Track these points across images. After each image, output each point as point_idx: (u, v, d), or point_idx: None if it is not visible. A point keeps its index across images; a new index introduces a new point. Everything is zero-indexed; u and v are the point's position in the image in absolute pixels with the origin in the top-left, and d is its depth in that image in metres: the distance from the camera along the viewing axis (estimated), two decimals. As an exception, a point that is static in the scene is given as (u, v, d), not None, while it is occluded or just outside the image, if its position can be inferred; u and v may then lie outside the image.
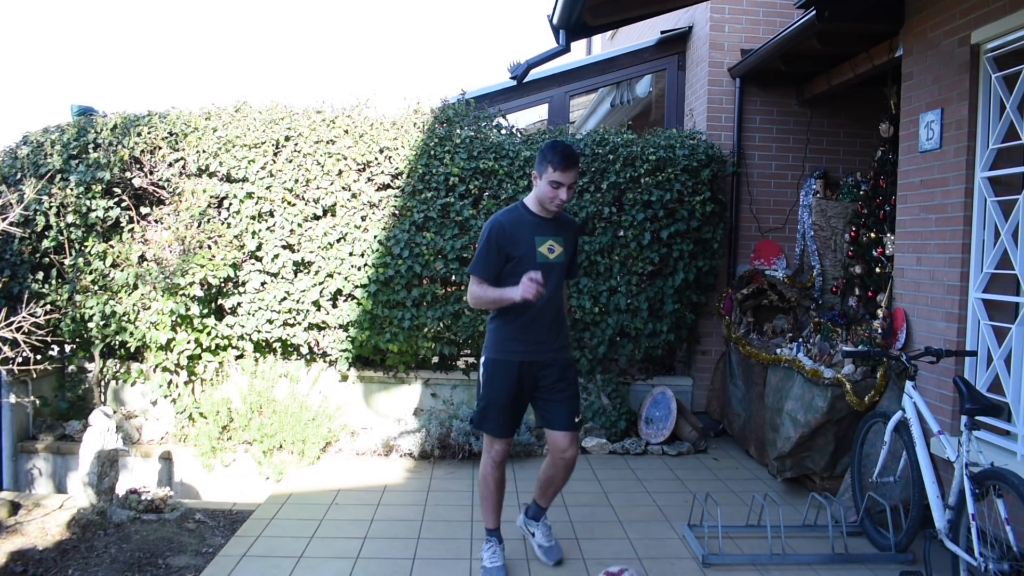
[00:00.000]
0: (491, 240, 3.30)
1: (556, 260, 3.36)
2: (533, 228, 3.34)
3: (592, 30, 5.32)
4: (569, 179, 3.24)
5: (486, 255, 3.32)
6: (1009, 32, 3.52)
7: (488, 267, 3.33)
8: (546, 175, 3.24)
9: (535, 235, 3.32)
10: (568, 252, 3.43)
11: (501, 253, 3.30)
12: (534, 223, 3.35)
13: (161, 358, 5.51)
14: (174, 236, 5.44)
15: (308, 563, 3.64)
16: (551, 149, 3.23)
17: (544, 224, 3.37)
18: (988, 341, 3.72)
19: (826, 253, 5.77)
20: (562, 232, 3.41)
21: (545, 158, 3.24)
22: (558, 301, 3.41)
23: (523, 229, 3.33)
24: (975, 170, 3.79)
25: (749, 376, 5.48)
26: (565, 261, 3.42)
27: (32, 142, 5.73)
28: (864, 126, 6.04)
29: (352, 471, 5.11)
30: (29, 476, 5.59)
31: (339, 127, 5.70)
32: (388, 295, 5.64)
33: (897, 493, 3.83)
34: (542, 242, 3.33)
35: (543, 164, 3.25)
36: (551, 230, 3.38)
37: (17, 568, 3.72)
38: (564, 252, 3.39)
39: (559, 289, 3.41)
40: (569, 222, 3.52)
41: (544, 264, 3.31)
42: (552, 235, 3.36)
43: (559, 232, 3.40)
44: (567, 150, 3.23)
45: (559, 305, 3.42)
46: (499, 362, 3.38)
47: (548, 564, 3.58)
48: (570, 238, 3.46)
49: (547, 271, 3.29)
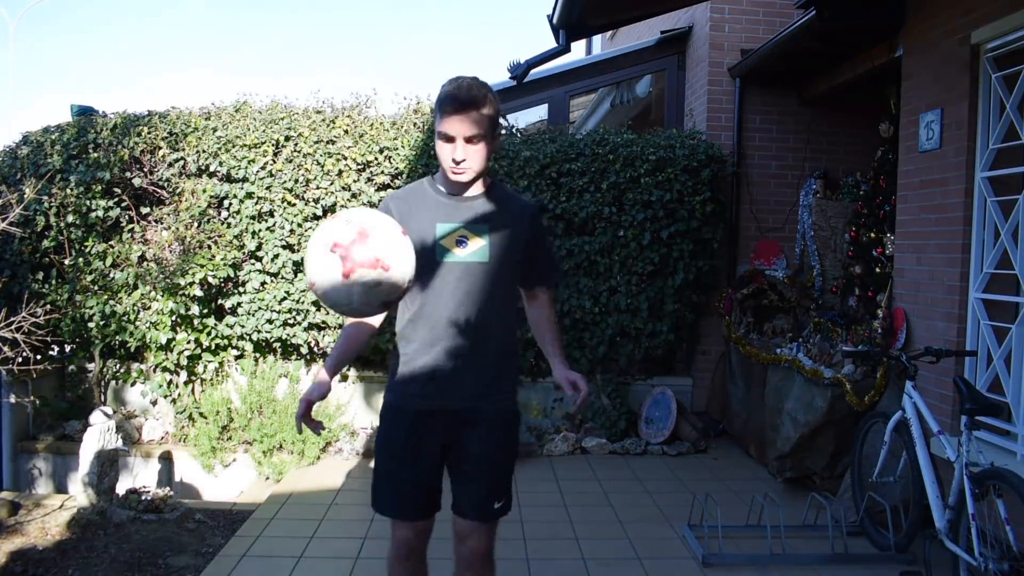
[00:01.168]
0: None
1: (472, 259, 2.21)
2: (436, 210, 2.24)
3: (592, 30, 5.33)
4: (466, 128, 2.11)
5: None
6: (1009, 32, 3.52)
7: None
8: (437, 127, 2.16)
9: (437, 220, 2.22)
10: (504, 247, 2.25)
11: None
12: (438, 204, 2.25)
13: (161, 358, 5.51)
14: (174, 236, 5.44)
15: (308, 563, 3.64)
16: (441, 90, 2.17)
17: (457, 205, 2.24)
18: (988, 341, 3.72)
19: (826, 253, 5.77)
20: (492, 218, 2.25)
21: (436, 102, 2.18)
22: (486, 321, 2.24)
23: (420, 212, 2.24)
24: (975, 170, 3.79)
25: (749, 376, 5.48)
26: (492, 261, 2.23)
27: (32, 142, 5.73)
28: (864, 126, 6.04)
29: (352, 471, 5.10)
30: (29, 476, 5.59)
31: (339, 127, 5.70)
32: (388, 295, 5.63)
33: (897, 493, 3.83)
34: (447, 230, 2.22)
35: (436, 111, 2.18)
36: (469, 215, 2.24)
37: (17, 568, 3.72)
38: (492, 247, 2.22)
39: (491, 304, 2.24)
40: (515, 205, 2.33)
41: (450, 264, 2.21)
42: (469, 222, 2.23)
43: (487, 219, 2.24)
44: (461, 85, 2.14)
45: (489, 327, 2.25)
46: (389, 404, 2.32)
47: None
48: (512, 227, 2.27)
49: (453, 274, 2.21)
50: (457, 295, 2.21)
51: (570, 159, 5.75)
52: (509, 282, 2.31)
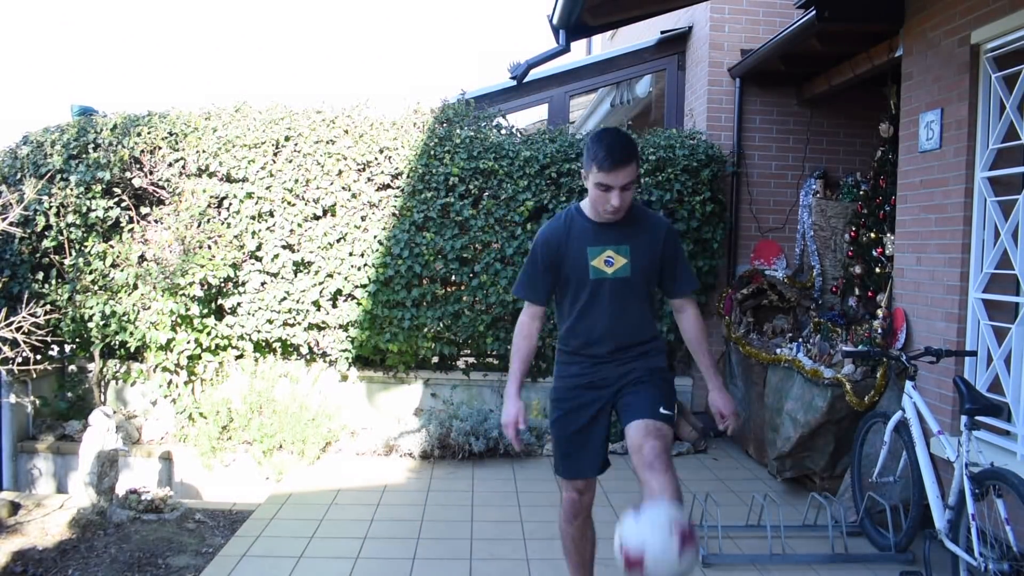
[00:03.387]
0: (538, 258, 2.74)
1: (617, 275, 2.66)
2: (585, 236, 2.68)
3: (592, 30, 5.33)
4: (621, 180, 2.50)
5: (528, 273, 2.77)
6: (1009, 32, 3.52)
7: (531, 287, 2.78)
8: (592, 175, 2.55)
9: (587, 245, 2.67)
10: (644, 261, 2.68)
11: (549, 271, 2.72)
12: (586, 230, 2.68)
13: (161, 358, 5.51)
14: (174, 236, 5.44)
15: (308, 563, 3.64)
16: (595, 142, 2.53)
17: (601, 230, 2.67)
18: (988, 341, 3.72)
19: (826, 253, 5.77)
20: (633, 237, 2.67)
21: (589, 153, 2.55)
22: (632, 320, 2.73)
23: (573, 240, 2.69)
24: (975, 170, 3.79)
25: (749, 376, 5.48)
26: (636, 275, 2.68)
27: (32, 142, 5.73)
28: (864, 126, 6.04)
29: (352, 471, 5.11)
30: (29, 476, 5.60)
31: (339, 127, 5.70)
32: (388, 295, 5.64)
33: (897, 493, 3.83)
34: (597, 253, 2.66)
35: (588, 162, 2.56)
36: (612, 237, 2.67)
37: (17, 568, 3.72)
38: (633, 263, 2.66)
39: (631, 312, 2.72)
40: (650, 222, 2.75)
41: (599, 281, 2.66)
42: (613, 243, 2.66)
43: (627, 238, 2.67)
44: (615, 142, 2.51)
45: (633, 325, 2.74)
46: (558, 389, 2.84)
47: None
48: (647, 243, 2.70)
49: (604, 290, 2.67)
50: (610, 303, 2.69)
51: (570, 159, 5.75)
52: (648, 290, 2.79)
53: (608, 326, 2.70)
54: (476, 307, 5.73)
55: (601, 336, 2.72)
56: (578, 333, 2.75)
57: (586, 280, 2.68)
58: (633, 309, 2.73)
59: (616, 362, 2.74)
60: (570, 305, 2.75)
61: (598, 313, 2.70)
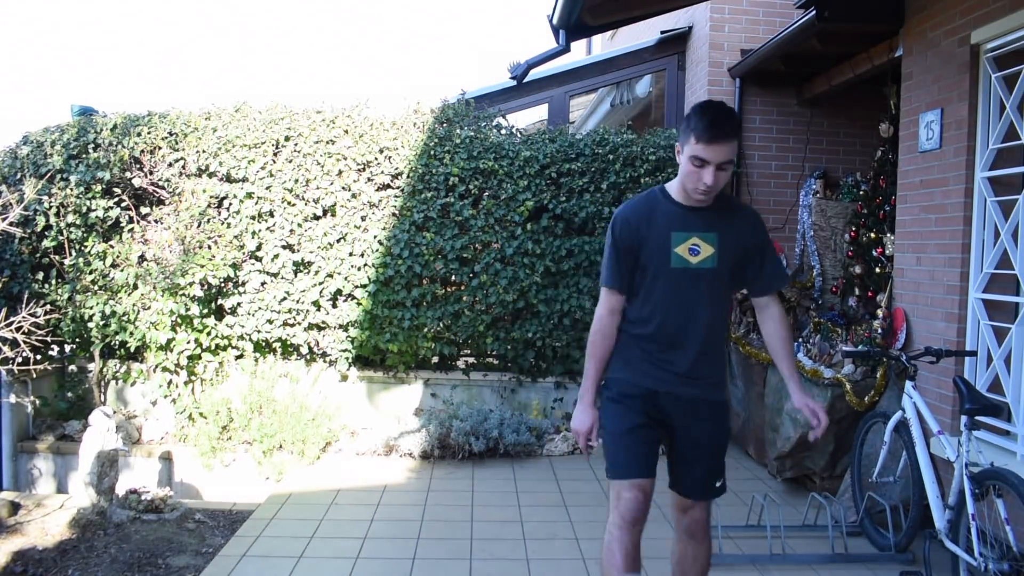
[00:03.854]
0: (615, 240, 2.47)
1: (702, 265, 2.42)
2: (670, 220, 2.42)
3: (592, 30, 5.32)
4: (720, 156, 2.28)
5: (612, 259, 2.49)
6: (1009, 32, 3.52)
7: (615, 274, 2.49)
8: (688, 148, 2.31)
9: (671, 230, 2.41)
10: (730, 254, 2.44)
11: (630, 255, 2.45)
12: (672, 213, 2.43)
13: (161, 358, 5.51)
14: (174, 236, 5.44)
15: (308, 563, 3.64)
16: (697, 113, 2.31)
17: (688, 215, 2.42)
18: (988, 341, 3.72)
19: (826, 253, 5.77)
20: (720, 225, 2.43)
21: (689, 123, 2.31)
22: (711, 322, 2.47)
23: (656, 222, 2.43)
24: (975, 170, 3.79)
25: (749, 376, 5.48)
26: (723, 267, 2.44)
27: (32, 142, 5.73)
28: (864, 126, 6.04)
29: (352, 471, 5.10)
30: (29, 476, 5.60)
31: (339, 127, 5.70)
32: (388, 295, 5.64)
33: (897, 493, 3.83)
34: (681, 239, 2.41)
35: (686, 131, 2.32)
36: (699, 223, 2.42)
37: (17, 568, 3.72)
38: (720, 254, 2.42)
39: (716, 307, 2.49)
40: (739, 211, 2.52)
41: (682, 270, 2.41)
42: (700, 230, 2.41)
43: (714, 225, 2.43)
44: (720, 114, 2.30)
45: (712, 327, 2.48)
46: (617, 381, 2.55)
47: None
48: (735, 234, 2.45)
49: (687, 280, 2.42)
50: (689, 297, 2.44)
51: (570, 159, 5.75)
52: (731, 285, 2.56)
53: (686, 321, 2.44)
54: (476, 307, 5.73)
55: (676, 332, 2.45)
56: (649, 325, 2.47)
57: (665, 268, 2.41)
58: (714, 307, 2.47)
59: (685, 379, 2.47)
60: (645, 295, 2.47)
61: (676, 306, 2.44)
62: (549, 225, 5.71)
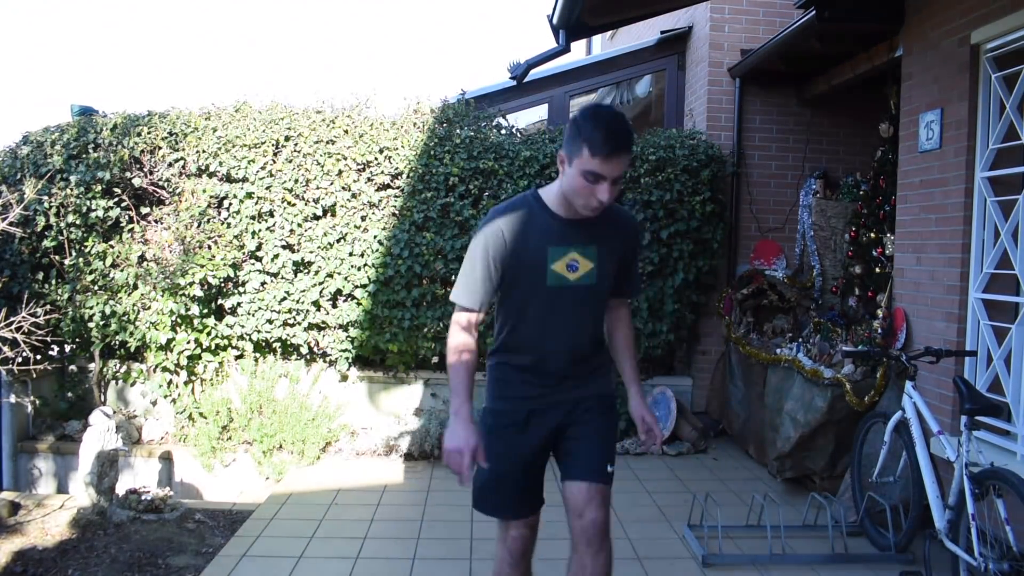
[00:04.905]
0: (485, 253, 2.20)
1: (581, 282, 2.23)
2: (546, 234, 2.20)
3: (592, 30, 5.34)
4: (617, 170, 2.06)
5: (471, 274, 2.22)
6: (1009, 32, 3.52)
7: (472, 291, 2.23)
8: (578, 160, 2.06)
9: (548, 244, 2.20)
10: (609, 265, 2.27)
11: (495, 270, 2.21)
12: (548, 227, 2.21)
13: (161, 358, 5.51)
14: (174, 236, 5.44)
15: (308, 563, 3.64)
16: (590, 120, 2.06)
17: (566, 228, 2.21)
18: (988, 341, 3.72)
19: (826, 253, 5.77)
20: (600, 237, 2.24)
21: (580, 132, 2.05)
22: (591, 332, 2.35)
23: (531, 235, 2.20)
24: (975, 170, 3.79)
25: (749, 376, 5.48)
26: (602, 283, 2.27)
27: (32, 142, 5.73)
28: (864, 126, 6.04)
29: (352, 471, 5.11)
30: (29, 476, 5.60)
31: (339, 127, 5.70)
32: (388, 295, 5.64)
33: (897, 493, 3.83)
34: (559, 255, 2.20)
35: (575, 141, 2.07)
36: (579, 236, 2.22)
37: (17, 568, 3.72)
38: (599, 268, 2.24)
39: (594, 319, 2.36)
40: (620, 220, 2.32)
41: (558, 289, 2.22)
42: (579, 244, 2.21)
43: (594, 238, 2.23)
44: (616, 125, 2.05)
45: (592, 336, 2.35)
46: (498, 412, 2.35)
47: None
48: (617, 245, 2.30)
49: (565, 298, 2.23)
50: (562, 316, 2.25)
51: (570, 159, 5.75)
52: (607, 298, 2.37)
53: (561, 341, 2.26)
54: (476, 307, 5.72)
55: (552, 353, 2.27)
56: (522, 348, 2.29)
57: (540, 286, 2.21)
58: (592, 320, 2.33)
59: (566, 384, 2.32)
60: (516, 314, 2.27)
61: (551, 326, 2.25)
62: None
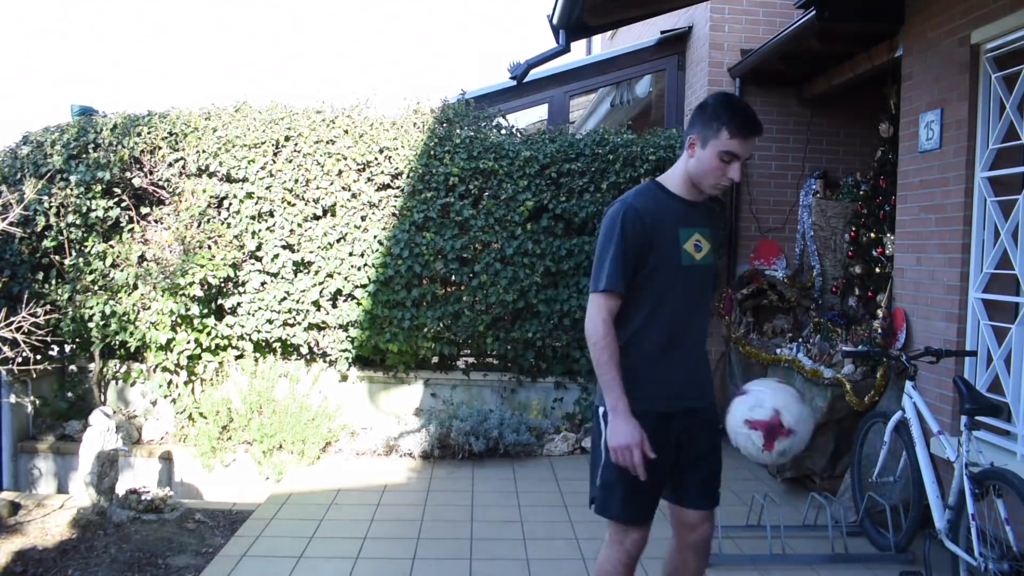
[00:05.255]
0: (624, 234, 2.20)
1: (703, 262, 2.31)
2: (675, 215, 2.28)
3: (592, 30, 5.33)
4: (749, 151, 2.24)
5: (617, 258, 2.20)
6: (1009, 32, 3.52)
7: (621, 275, 2.21)
8: (715, 142, 2.20)
9: (679, 226, 2.27)
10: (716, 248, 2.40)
11: (639, 253, 2.23)
12: (676, 209, 2.29)
13: (161, 358, 5.51)
14: (174, 236, 5.44)
15: (308, 563, 3.64)
16: (727, 106, 2.23)
17: (689, 210, 2.31)
18: (988, 341, 3.72)
19: (826, 253, 5.77)
20: (708, 219, 2.37)
21: (717, 116, 2.20)
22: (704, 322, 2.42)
23: (664, 218, 2.26)
24: (975, 170, 3.79)
25: (749, 376, 5.47)
26: (715, 263, 2.39)
27: (32, 142, 5.73)
28: (864, 126, 6.04)
29: (352, 471, 5.11)
30: (29, 476, 5.60)
31: (339, 127, 5.70)
32: (388, 295, 5.64)
33: (897, 493, 3.83)
34: (688, 236, 2.27)
35: (712, 124, 2.20)
36: (699, 218, 2.32)
37: (17, 568, 3.72)
38: (714, 249, 2.37)
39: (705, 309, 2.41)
40: (712, 207, 2.47)
41: (688, 268, 2.27)
42: (700, 225, 2.31)
43: (706, 220, 2.35)
44: (749, 111, 2.26)
45: (704, 328, 2.42)
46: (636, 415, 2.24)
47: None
48: (717, 230, 2.44)
49: (691, 278, 2.29)
50: (691, 297, 2.31)
51: (570, 159, 5.75)
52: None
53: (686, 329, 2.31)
54: (476, 307, 5.73)
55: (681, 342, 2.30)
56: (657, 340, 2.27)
57: (676, 267, 2.25)
58: (705, 306, 2.41)
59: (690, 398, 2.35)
60: (648, 303, 2.26)
61: (682, 311, 2.29)
62: (549, 225, 5.71)
